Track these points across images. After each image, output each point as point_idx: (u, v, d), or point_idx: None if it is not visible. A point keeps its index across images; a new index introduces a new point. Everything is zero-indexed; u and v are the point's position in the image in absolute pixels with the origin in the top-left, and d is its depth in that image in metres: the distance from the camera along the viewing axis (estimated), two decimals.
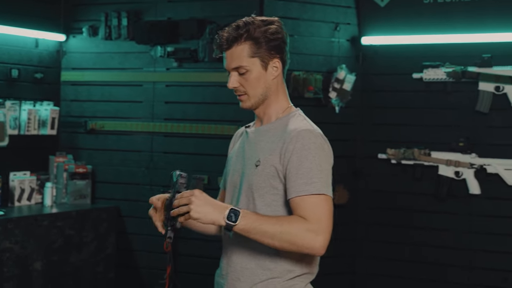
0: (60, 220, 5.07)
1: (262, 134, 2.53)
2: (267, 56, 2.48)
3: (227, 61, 2.49)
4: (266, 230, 2.31)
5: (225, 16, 5.22)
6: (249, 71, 2.46)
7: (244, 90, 2.50)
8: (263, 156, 2.47)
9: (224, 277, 2.55)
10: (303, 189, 2.36)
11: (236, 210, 2.31)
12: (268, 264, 2.46)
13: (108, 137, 5.67)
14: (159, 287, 5.40)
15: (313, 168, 2.38)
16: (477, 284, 5.06)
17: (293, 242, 2.31)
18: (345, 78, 5.20)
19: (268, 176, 2.45)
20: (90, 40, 5.71)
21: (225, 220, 2.30)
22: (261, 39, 2.46)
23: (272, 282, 2.46)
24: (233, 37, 2.46)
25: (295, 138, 2.42)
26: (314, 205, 2.35)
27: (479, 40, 5.05)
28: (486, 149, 5.01)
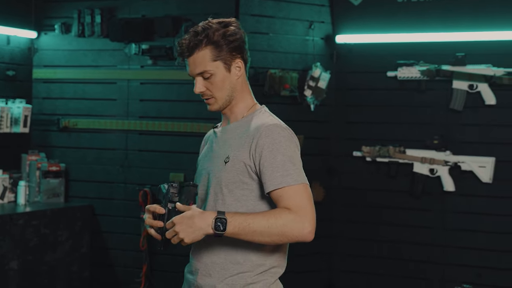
0: (35, 219, 5.01)
1: (230, 132, 2.58)
2: (229, 57, 2.52)
3: (190, 68, 2.52)
4: (255, 229, 2.35)
5: (200, 14, 5.19)
6: (213, 74, 2.50)
7: (211, 93, 2.53)
8: (232, 152, 2.51)
9: (194, 272, 2.57)
10: (281, 181, 2.41)
11: (222, 218, 2.34)
12: (238, 259, 2.50)
13: (82, 135, 5.62)
14: (134, 285, 5.41)
15: (286, 160, 2.45)
16: (451, 280, 5.11)
17: (282, 234, 2.36)
18: (320, 76, 5.21)
19: (237, 171, 2.49)
20: (62, 37, 5.65)
21: (214, 231, 2.34)
22: (221, 42, 2.50)
23: (242, 276, 2.50)
24: (194, 44, 2.48)
25: (264, 133, 2.47)
26: (294, 194, 2.41)
27: (453, 39, 5.11)
28: (460, 147, 5.07)
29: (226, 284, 2.50)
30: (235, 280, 2.50)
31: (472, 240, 5.08)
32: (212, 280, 2.51)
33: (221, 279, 2.50)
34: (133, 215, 5.42)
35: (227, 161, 2.50)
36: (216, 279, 2.50)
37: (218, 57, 2.50)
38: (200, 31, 2.49)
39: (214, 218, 2.34)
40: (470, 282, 5.04)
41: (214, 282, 2.50)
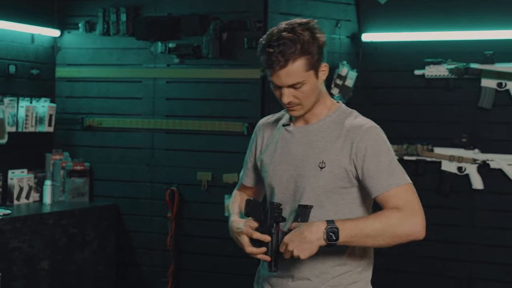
0: (63, 218, 5.00)
1: (315, 134, 2.52)
2: (318, 64, 2.46)
3: (282, 79, 2.41)
4: (368, 233, 2.33)
5: (228, 12, 5.20)
6: (305, 84, 2.43)
7: (299, 102, 2.47)
8: (328, 157, 2.46)
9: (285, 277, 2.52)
10: (388, 184, 2.41)
11: (334, 228, 2.30)
12: (337, 261, 2.49)
13: (106, 134, 5.60)
14: (161, 285, 5.39)
15: (391, 161, 2.45)
16: (480, 278, 5.12)
17: (395, 234, 2.36)
18: (347, 75, 5.21)
19: (337, 177, 2.45)
20: (86, 36, 5.63)
21: (327, 242, 2.30)
22: (313, 51, 2.42)
23: (345, 276, 2.50)
24: (288, 55, 2.37)
25: (365, 137, 2.44)
26: (402, 194, 2.42)
27: (480, 37, 5.09)
28: (488, 145, 5.07)
29: (329, 286, 2.48)
30: (337, 281, 2.49)
31: (501, 238, 5.07)
32: (312, 284, 2.48)
33: (323, 282, 2.48)
34: (159, 214, 5.40)
35: (323, 167, 2.46)
36: (318, 282, 2.48)
37: (311, 66, 2.42)
38: (292, 40, 2.38)
39: (326, 229, 2.30)
40: (499, 279, 5.05)
41: (316, 285, 2.48)
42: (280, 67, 2.39)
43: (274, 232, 2.38)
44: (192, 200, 5.32)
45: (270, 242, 2.38)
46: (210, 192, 5.25)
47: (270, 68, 2.41)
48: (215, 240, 5.22)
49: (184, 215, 5.37)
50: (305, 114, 2.52)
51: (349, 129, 2.47)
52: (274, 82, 2.44)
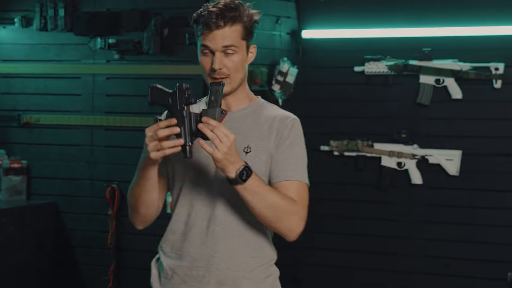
0: (2, 217, 4.90)
1: (239, 120, 2.53)
2: (250, 40, 2.51)
3: (217, 40, 2.41)
4: (266, 198, 2.34)
5: (169, 7, 5.17)
6: (237, 53, 2.45)
7: (228, 73, 2.46)
8: (252, 142, 2.48)
9: (201, 268, 2.48)
10: (293, 175, 2.45)
11: (249, 170, 2.30)
12: (257, 252, 2.50)
13: (44, 131, 5.50)
14: (101, 283, 5.33)
15: (301, 157, 2.51)
16: (420, 272, 5.20)
17: (282, 218, 2.38)
18: (288, 71, 5.23)
19: (260, 162, 2.47)
20: (22, 31, 5.53)
21: (236, 175, 2.27)
22: (248, 23, 2.47)
23: (262, 269, 2.52)
24: (229, 17, 2.41)
25: (291, 126, 2.50)
26: (301, 191, 2.46)
27: (419, 34, 5.16)
28: (427, 140, 5.15)
29: (249, 279, 2.48)
30: (257, 274, 2.50)
31: (439, 232, 5.17)
32: (235, 273, 2.47)
33: (244, 273, 2.47)
34: (100, 212, 5.34)
35: (248, 151, 2.47)
36: (239, 273, 2.47)
37: (246, 36, 2.46)
38: (233, 7, 2.42)
39: (244, 166, 2.28)
40: (438, 273, 5.14)
41: (238, 276, 2.47)
42: (217, 26, 2.40)
43: (186, 115, 2.24)
44: None
45: (183, 125, 2.23)
46: None
47: (207, 28, 2.41)
48: (155, 237, 5.12)
49: (124, 213, 5.27)
50: (231, 92, 2.50)
51: (275, 118, 2.51)
52: (207, 45, 2.42)
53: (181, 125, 2.23)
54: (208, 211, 2.48)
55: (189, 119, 2.24)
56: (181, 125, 2.23)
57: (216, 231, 2.47)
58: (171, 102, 2.26)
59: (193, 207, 2.51)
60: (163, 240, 2.62)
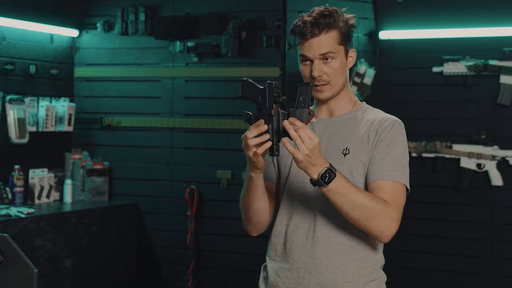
0: (85, 217, 5.03)
1: (340, 124, 2.52)
2: (348, 45, 2.50)
3: (314, 48, 2.43)
4: (353, 199, 2.30)
5: (247, 10, 5.23)
6: (335, 59, 2.45)
7: (328, 79, 2.46)
8: (351, 144, 2.46)
9: (300, 270, 2.48)
10: (387, 175, 2.40)
11: (333, 171, 2.26)
12: (359, 255, 2.47)
13: (125, 133, 5.63)
14: (181, 283, 5.43)
15: (399, 158, 2.43)
16: (499, 275, 5.13)
17: (371, 219, 2.33)
18: (365, 72, 5.24)
19: (360, 163, 2.45)
20: (104, 36, 5.67)
21: (319, 177, 2.26)
22: (345, 28, 2.48)
23: (364, 273, 2.48)
24: (324, 24, 2.43)
25: (390, 127, 2.45)
26: (395, 192, 2.40)
27: (499, 33, 5.12)
28: (507, 141, 5.09)
29: (348, 282, 2.45)
30: (357, 277, 2.46)
31: None
32: (332, 277, 2.45)
33: (343, 276, 2.45)
34: (179, 213, 5.43)
35: (346, 153, 2.46)
36: (337, 276, 2.45)
37: (343, 41, 2.47)
38: (328, 14, 2.45)
39: (327, 168, 2.26)
40: None
41: (335, 279, 2.45)
42: (312, 35, 2.42)
43: (274, 113, 2.24)
44: (212, 198, 5.35)
45: (271, 124, 2.23)
46: (230, 190, 5.27)
47: (303, 37, 2.43)
48: (234, 238, 5.24)
49: (203, 213, 5.40)
50: (332, 98, 2.51)
51: (375, 121, 2.49)
52: (305, 54, 2.45)
53: (268, 123, 2.24)
54: (310, 213, 2.48)
55: (277, 117, 2.24)
56: (268, 123, 2.24)
57: (317, 234, 2.46)
58: (261, 99, 2.28)
59: (295, 210, 2.51)
60: (268, 244, 2.61)
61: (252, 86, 2.31)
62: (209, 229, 5.39)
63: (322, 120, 2.56)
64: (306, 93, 2.28)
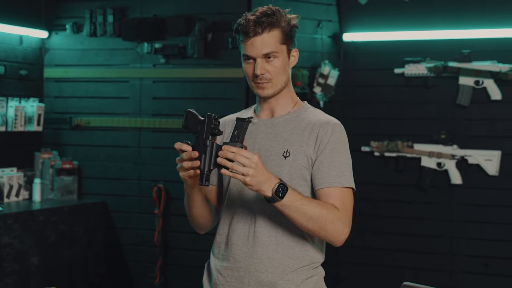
0: (53, 215, 5.10)
1: (280, 125, 2.56)
2: (290, 44, 2.55)
3: (257, 47, 2.48)
4: (306, 212, 2.35)
5: (213, 13, 5.32)
6: (278, 57, 2.50)
7: (270, 77, 2.50)
8: (292, 147, 2.51)
9: (241, 269, 2.54)
10: (335, 181, 2.45)
11: (284, 185, 2.32)
12: (297, 254, 2.52)
13: (94, 133, 5.71)
14: (149, 280, 5.51)
15: (344, 162, 2.49)
16: (459, 271, 5.26)
17: (324, 227, 2.39)
18: (329, 73, 5.35)
19: (300, 167, 2.49)
20: (73, 37, 5.74)
21: (273, 194, 2.30)
22: (287, 28, 2.51)
23: (302, 270, 2.53)
24: (267, 23, 2.47)
25: (331, 131, 2.50)
26: (344, 197, 2.46)
27: (458, 36, 5.25)
28: (467, 141, 5.23)
29: (287, 280, 2.51)
30: (295, 276, 2.52)
31: (479, 231, 5.23)
32: (271, 276, 2.50)
33: (282, 275, 2.50)
34: (147, 211, 5.52)
35: (287, 156, 2.50)
36: (276, 275, 2.50)
37: (285, 41, 2.51)
38: (270, 13, 2.49)
39: (278, 183, 2.31)
40: (477, 272, 5.20)
41: (275, 278, 2.50)
42: (255, 33, 2.47)
43: (209, 144, 2.33)
44: (179, 196, 5.43)
45: (204, 154, 2.32)
46: None
47: (246, 35, 2.49)
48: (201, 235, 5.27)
49: (171, 211, 5.49)
50: (273, 96, 2.55)
51: (316, 123, 2.53)
52: (248, 53, 2.50)
53: (202, 153, 2.34)
54: (250, 214, 2.54)
55: (211, 148, 2.33)
56: (202, 153, 2.34)
57: (257, 234, 2.52)
58: (199, 129, 2.37)
59: (236, 210, 2.57)
60: (213, 242, 2.68)
61: (194, 117, 2.41)
62: (176, 227, 5.48)
63: (263, 120, 2.61)
64: (242, 128, 2.37)
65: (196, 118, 2.40)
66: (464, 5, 5.24)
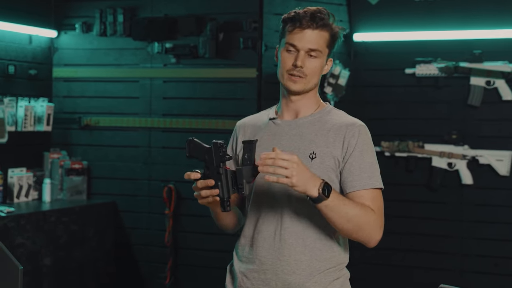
0: (64, 216, 5.10)
1: (305, 126, 2.56)
2: (331, 51, 2.57)
3: (306, 40, 2.48)
4: (347, 211, 2.36)
5: (224, 13, 5.32)
6: (319, 58, 2.50)
7: (306, 73, 2.50)
8: (318, 149, 2.50)
9: (268, 271, 2.53)
10: (367, 183, 2.46)
11: (329, 184, 2.32)
12: (325, 256, 2.51)
13: (104, 133, 5.70)
14: (159, 280, 5.51)
15: (373, 163, 2.51)
16: (469, 271, 5.26)
17: (362, 228, 2.41)
18: (340, 74, 5.35)
19: (327, 168, 2.48)
20: (83, 37, 5.74)
21: (319, 193, 2.29)
22: (334, 34, 2.54)
23: (329, 272, 2.52)
24: (322, 22, 2.48)
25: (357, 133, 2.50)
26: (376, 198, 2.48)
27: (469, 36, 5.23)
28: (478, 141, 5.22)
29: (315, 282, 2.50)
30: (323, 277, 2.51)
31: (489, 232, 5.23)
32: (299, 278, 2.50)
33: (309, 277, 2.49)
34: (157, 211, 5.52)
35: (313, 157, 2.49)
36: (304, 277, 2.49)
37: (329, 45, 2.53)
38: (325, 13, 2.50)
39: (324, 182, 2.31)
40: (487, 272, 5.20)
41: (302, 280, 2.49)
42: (309, 26, 2.47)
43: (222, 172, 2.34)
44: (189, 197, 5.41)
45: (221, 182, 2.33)
46: None
47: (299, 25, 2.47)
48: (212, 236, 5.33)
49: (181, 212, 5.49)
50: (301, 93, 2.55)
51: (341, 125, 2.53)
52: (295, 42, 2.48)
53: (217, 181, 2.34)
54: (276, 216, 2.53)
55: (225, 176, 2.34)
56: (217, 181, 2.34)
57: (283, 236, 2.51)
58: (208, 159, 2.36)
59: (262, 212, 2.56)
60: (236, 244, 2.68)
61: (198, 146, 2.40)
62: (187, 227, 5.48)
63: (286, 121, 2.61)
64: (251, 150, 2.36)
65: (200, 146, 2.39)
66: (475, 5, 5.23)
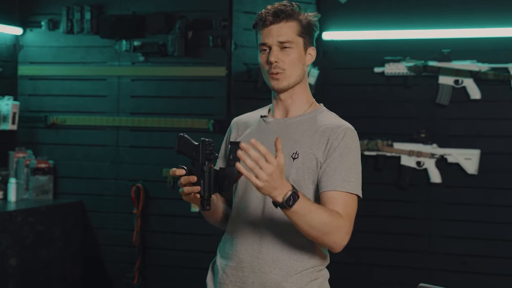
0: (31, 216, 5.01)
1: (293, 126, 2.53)
2: (308, 40, 2.54)
3: (273, 35, 2.47)
4: (313, 219, 2.30)
5: (194, 10, 5.28)
6: (293, 48, 2.48)
7: (284, 67, 2.48)
8: (301, 149, 2.47)
9: (245, 269, 2.51)
10: (340, 185, 2.40)
11: (296, 195, 2.24)
12: (303, 256, 2.49)
13: (70, 131, 5.63)
14: (127, 280, 5.45)
15: (352, 168, 2.44)
16: (437, 268, 5.29)
17: (327, 234, 2.35)
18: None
19: (308, 170, 2.46)
20: (49, 34, 5.66)
21: (283, 201, 2.23)
22: (305, 23, 2.53)
23: (307, 273, 2.50)
24: (285, 13, 2.48)
25: (342, 136, 2.45)
26: (347, 203, 2.41)
27: (438, 35, 5.25)
28: (446, 140, 5.24)
29: (291, 283, 2.47)
30: (300, 278, 2.49)
31: (457, 230, 5.26)
32: (276, 277, 2.47)
33: (286, 277, 2.47)
34: (125, 211, 5.46)
35: (295, 158, 2.47)
36: (281, 276, 2.47)
37: (302, 34, 2.51)
38: (288, 5, 2.51)
39: (291, 192, 2.23)
40: (455, 270, 5.23)
41: (279, 280, 2.47)
42: (272, 22, 2.47)
43: (206, 170, 2.32)
44: (158, 196, 5.39)
45: (203, 180, 2.32)
46: (175, 189, 5.29)
47: (263, 24, 2.49)
48: (180, 235, 5.30)
49: (149, 211, 5.44)
50: (287, 89, 2.52)
51: (328, 127, 2.50)
52: (264, 42, 2.49)
53: (200, 179, 2.33)
54: (257, 214, 2.51)
55: (209, 174, 2.32)
56: (200, 179, 2.33)
57: (263, 234, 2.49)
58: (194, 155, 2.35)
59: (244, 209, 2.54)
60: (222, 239, 2.66)
61: (187, 142, 2.38)
62: (155, 227, 5.43)
63: (276, 120, 2.59)
64: (236, 151, 2.29)
65: (189, 143, 2.38)
66: (445, 5, 5.26)
